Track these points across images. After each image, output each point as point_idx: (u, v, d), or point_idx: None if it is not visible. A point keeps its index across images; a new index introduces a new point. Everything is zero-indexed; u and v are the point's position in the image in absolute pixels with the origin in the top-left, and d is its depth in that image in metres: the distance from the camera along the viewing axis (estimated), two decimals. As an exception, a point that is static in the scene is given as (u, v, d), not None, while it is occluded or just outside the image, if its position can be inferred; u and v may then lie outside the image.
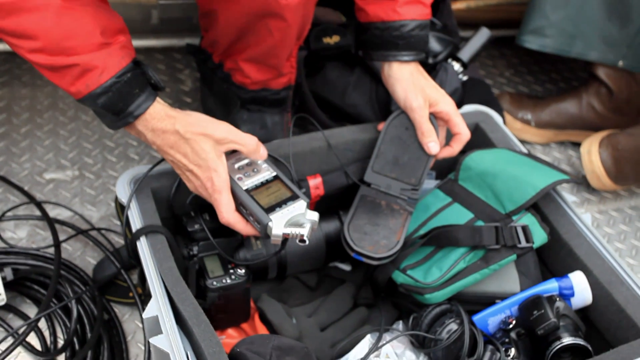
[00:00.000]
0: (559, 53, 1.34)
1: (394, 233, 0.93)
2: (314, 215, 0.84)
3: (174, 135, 0.82)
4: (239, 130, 0.84)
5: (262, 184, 0.86)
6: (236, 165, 0.86)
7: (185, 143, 0.82)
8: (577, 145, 1.41)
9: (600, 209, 1.31)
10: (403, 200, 0.98)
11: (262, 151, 0.87)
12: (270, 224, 0.81)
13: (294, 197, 0.84)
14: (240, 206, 0.84)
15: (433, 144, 0.99)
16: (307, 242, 0.82)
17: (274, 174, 0.87)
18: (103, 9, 0.80)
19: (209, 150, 0.82)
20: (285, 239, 0.83)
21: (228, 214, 0.83)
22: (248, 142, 0.84)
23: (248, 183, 0.85)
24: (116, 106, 0.80)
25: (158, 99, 0.82)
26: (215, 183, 0.82)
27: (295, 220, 0.83)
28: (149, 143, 0.85)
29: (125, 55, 0.79)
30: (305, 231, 0.82)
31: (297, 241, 0.82)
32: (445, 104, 1.00)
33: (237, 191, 0.83)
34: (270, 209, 0.82)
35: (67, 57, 0.76)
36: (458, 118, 1.01)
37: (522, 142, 1.39)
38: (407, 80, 1.00)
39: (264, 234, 0.83)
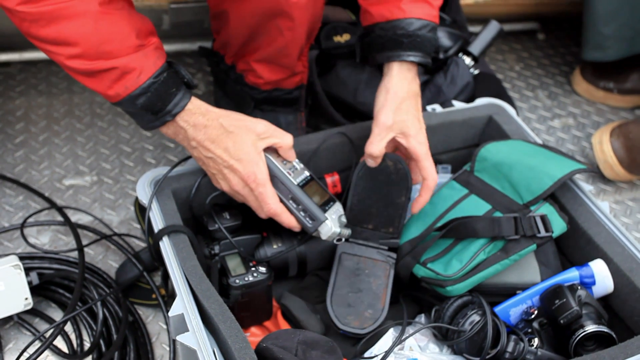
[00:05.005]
0: (623, 57, 1.40)
1: (378, 298, 0.92)
2: (345, 217, 0.90)
3: (218, 130, 0.84)
4: (276, 127, 0.88)
5: (306, 182, 0.89)
6: (280, 161, 0.88)
7: (227, 137, 0.84)
8: (590, 137, 1.41)
9: (616, 199, 1.30)
10: (384, 250, 0.96)
11: (293, 152, 0.90)
12: (327, 222, 0.86)
13: (332, 199, 0.90)
14: (290, 200, 0.87)
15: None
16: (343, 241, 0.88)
17: (309, 174, 0.91)
18: (134, 11, 0.82)
19: (250, 144, 0.84)
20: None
21: (276, 204, 0.86)
22: (287, 138, 0.88)
23: (296, 179, 0.88)
24: (155, 106, 0.81)
25: (193, 97, 0.85)
26: (258, 176, 0.84)
27: (340, 221, 0.89)
28: (186, 140, 0.86)
29: (159, 55, 0.82)
30: (349, 233, 0.89)
31: (335, 241, 0.89)
32: (419, 142, 0.92)
33: (289, 185, 0.86)
34: (321, 208, 0.87)
35: (106, 60, 0.78)
36: (428, 161, 0.93)
37: (607, 107, 1.50)
38: (396, 93, 0.92)
39: (314, 229, 0.86)
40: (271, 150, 0.88)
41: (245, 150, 0.84)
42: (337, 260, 0.95)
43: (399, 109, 0.92)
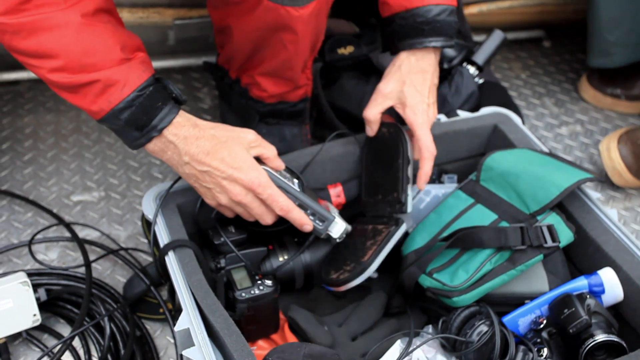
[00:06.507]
0: (629, 63, 1.40)
1: (364, 254, 0.91)
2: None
3: (211, 140, 0.82)
4: (262, 137, 0.89)
5: (302, 188, 0.90)
6: (275, 171, 0.89)
7: (222, 147, 0.83)
8: (598, 143, 1.40)
9: (626, 205, 1.29)
10: (390, 218, 0.96)
11: (280, 161, 0.90)
12: (337, 219, 0.88)
13: (322, 199, 0.92)
14: (297, 207, 0.88)
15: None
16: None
17: (297, 180, 0.91)
18: (122, 28, 0.81)
19: (245, 152, 0.84)
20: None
21: (287, 201, 0.85)
22: (273, 148, 0.88)
23: (295, 186, 0.89)
24: (140, 120, 0.79)
25: (181, 111, 0.83)
26: (262, 180, 0.84)
27: (342, 217, 0.92)
28: (177, 156, 0.83)
29: (145, 69, 0.80)
30: (350, 228, 0.92)
31: (338, 239, 0.90)
32: (413, 113, 0.95)
33: (294, 192, 0.87)
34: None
35: (88, 73, 0.76)
36: (422, 131, 0.95)
37: (615, 113, 1.49)
38: (400, 67, 0.96)
39: (325, 230, 0.88)
40: (260, 161, 0.88)
41: (241, 158, 0.83)
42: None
43: (401, 81, 0.96)
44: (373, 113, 0.99)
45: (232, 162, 0.83)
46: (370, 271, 0.89)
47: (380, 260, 0.90)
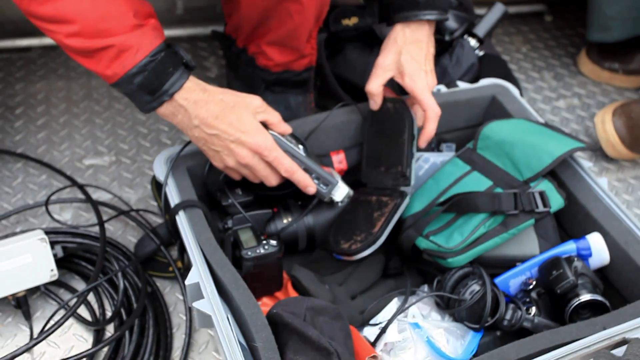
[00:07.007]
0: (628, 37, 1.42)
1: (373, 225, 0.94)
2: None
3: (219, 105, 0.86)
4: (267, 104, 0.92)
5: (306, 154, 0.94)
6: (282, 136, 0.92)
7: (230, 111, 0.87)
8: (594, 116, 1.44)
9: (618, 177, 1.33)
10: (394, 191, 0.99)
11: (286, 125, 0.94)
12: (340, 183, 0.93)
13: (325, 165, 0.96)
14: (302, 170, 0.92)
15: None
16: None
17: (302, 145, 0.95)
18: None
19: (251, 116, 0.88)
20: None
21: (291, 163, 0.90)
22: (277, 114, 0.92)
23: (301, 151, 0.93)
24: (152, 85, 0.83)
25: (192, 76, 0.86)
26: (268, 143, 0.88)
27: (345, 181, 0.96)
28: (187, 119, 0.87)
29: (157, 35, 0.83)
30: (352, 192, 0.96)
31: (340, 203, 0.95)
32: (412, 80, 0.98)
33: (299, 156, 0.91)
34: None
35: (103, 39, 0.80)
36: (425, 95, 0.99)
37: (612, 87, 1.52)
38: (396, 40, 0.99)
39: (329, 193, 0.93)
40: (266, 127, 0.92)
41: (248, 122, 0.87)
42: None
43: (398, 52, 1.00)
44: (375, 86, 1.02)
45: (240, 125, 0.87)
46: (381, 242, 0.93)
47: (389, 231, 0.94)
